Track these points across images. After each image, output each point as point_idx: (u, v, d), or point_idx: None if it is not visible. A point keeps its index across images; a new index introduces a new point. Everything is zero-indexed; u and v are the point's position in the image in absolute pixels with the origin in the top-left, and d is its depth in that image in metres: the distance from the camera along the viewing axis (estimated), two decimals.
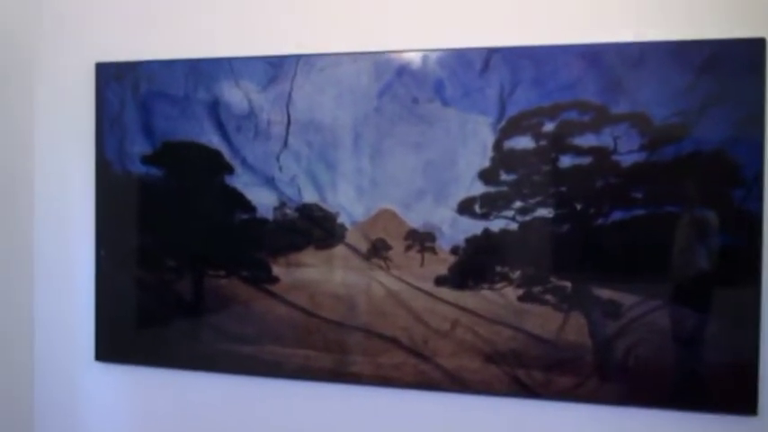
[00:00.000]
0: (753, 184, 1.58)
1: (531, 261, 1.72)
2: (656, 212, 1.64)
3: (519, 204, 1.71)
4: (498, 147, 1.71)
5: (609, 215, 1.66)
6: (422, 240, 1.77)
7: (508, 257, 1.73)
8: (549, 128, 1.68)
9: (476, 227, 1.74)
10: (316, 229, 1.85)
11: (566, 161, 1.68)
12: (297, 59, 1.83)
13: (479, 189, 1.73)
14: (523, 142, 1.70)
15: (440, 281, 1.77)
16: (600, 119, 1.65)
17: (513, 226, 1.72)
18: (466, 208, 1.74)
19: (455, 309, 1.76)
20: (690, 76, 1.61)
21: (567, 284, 1.70)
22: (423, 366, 1.79)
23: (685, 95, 1.61)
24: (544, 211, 1.70)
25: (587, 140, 1.66)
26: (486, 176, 1.73)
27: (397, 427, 1.85)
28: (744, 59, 1.58)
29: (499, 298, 1.73)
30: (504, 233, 1.72)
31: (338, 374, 1.85)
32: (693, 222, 1.63)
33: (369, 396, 1.85)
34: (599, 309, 1.68)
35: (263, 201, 1.87)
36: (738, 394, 1.61)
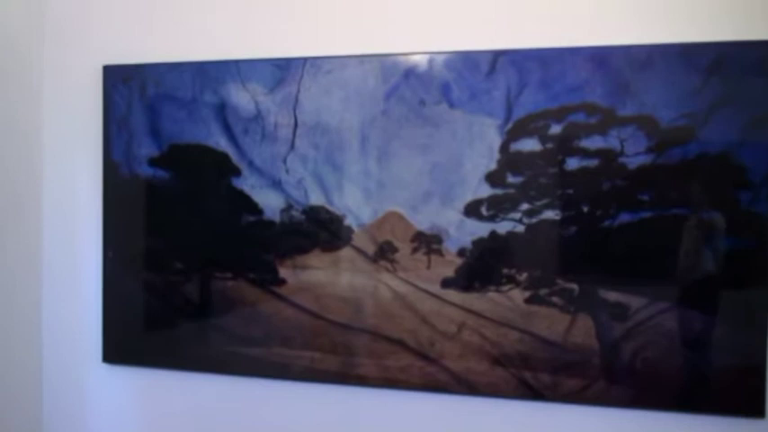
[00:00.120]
0: (760, 186, 1.58)
1: (537, 263, 1.72)
2: (662, 215, 1.64)
3: (526, 206, 1.71)
4: (505, 149, 1.71)
5: (616, 217, 1.66)
6: (428, 242, 1.77)
7: (515, 260, 1.73)
8: (555, 130, 1.68)
9: (482, 229, 1.73)
10: (322, 231, 1.85)
11: (572, 163, 1.68)
12: (304, 62, 1.84)
13: (486, 191, 1.73)
14: (530, 144, 1.70)
15: (446, 283, 1.77)
16: (607, 121, 1.65)
17: (520, 228, 1.71)
18: (473, 210, 1.74)
19: (462, 311, 1.76)
20: (697, 78, 1.61)
21: (574, 287, 1.70)
22: (429, 369, 1.79)
23: (692, 98, 1.61)
24: (551, 214, 1.70)
25: (594, 143, 1.66)
26: (493, 179, 1.73)
27: (404, 429, 1.85)
28: (751, 62, 1.58)
29: (506, 300, 1.73)
30: (511, 235, 1.72)
31: (345, 376, 1.85)
32: (700, 225, 1.63)
33: (375, 398, 1.85)
34: (606, 311, 1.68)
35: (269, 203, 1.87)
36: (746, 397, 1.61)
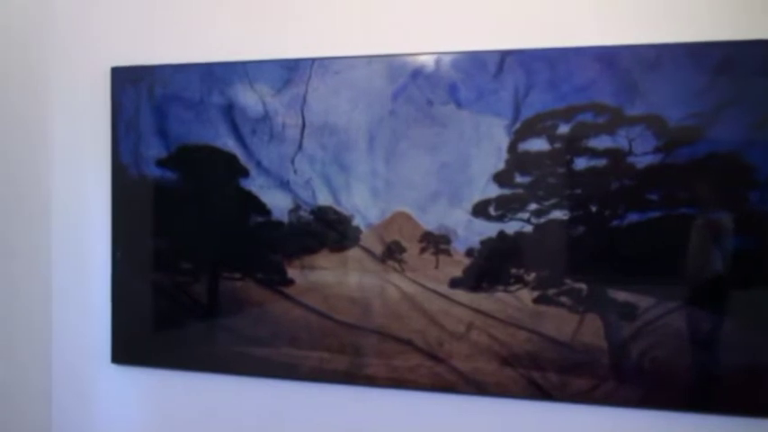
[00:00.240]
0: None
1: (546, 263, 1.72)
2: (671, 214, 1.64)
3: (534, 206, 1.71)
4: (513, 149, 1.71)
5: (624, 217, 1.66)
6: (436, 242, 1.77)
7: (523, 259, 1.73)
8: (563, 130, 1.68)
9: (490, 229, 1.73)
10: (330, 231, 1.85)
11: (581, 163, 1.68)
12: (311, 62, 1.84)
13: (494, 191, 1.73)
14: (538, 144, 1.70)
15: (455, 283, 1.77)
16: (615, 121, 1.65)
17: (528, 228, 1.71)
18: (481, 210, 1.74)
19: (470, 311, 1.76)
20: (705, 77, 1.60)
21: (582, 287, 1.69)
22: (438, 369, 1.79)
23: (700, 97, 1.60)
24: (559, 214, 1.70)
25: (602, 142, 1.66)
26: (501, 179, 1.73)
27: (413, 429, 1.85)
28: (759, 61, 1.58)
29: (514, 300, 1.73)
30: (519, 235, 1.72)
31: (353, 377, 1.85)
32: (709, 224, 1.62)
33: (384, 398, 1.85)
34: (615, 311, 1.67)
35: (277, 203, 1.88)
36: (755, 396, 1.61)
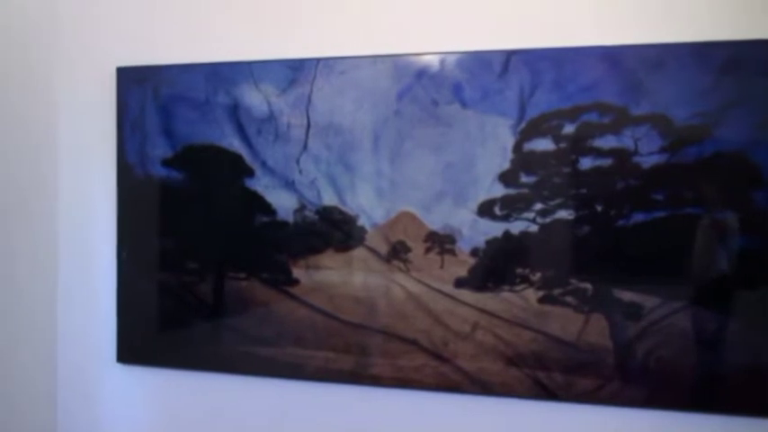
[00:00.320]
0: None
1: (551, 263, 1.72)
2: (676, 214, 1.63)
3: (539, 206, 1.71)
4: (518, 149, 1.71)
5: (630, 217, 1.66)
6: (442, 242, 1.77)
7: (528, 259, 1.73)
8: (569, 130, 1.68)
9: (496, 229, 1.73)
10: (335, 231, 1.85)
11: (586, 163, 1.68)
12: (316, 62, 1.84)
13: (499, 191, 1.73)
14: (543, 144, 1.70)
15: (460, 283, 1.77)
16: (620, 120, 1.65)
17: (534, 228, 1.71)
18: (486, 210, 1.74)
19: (475, 311, 1.76)
20: (710, 77, 1.60)
21: (587, 286, 1.69)
22: (443, 368, 1.79)
23: (706, 97, 1.60)
24: (564, 213, 1.70)
25: (608, 142, 1.66)
26: (506, 178, 1.72)
27: (418, 429, 1.85)
28: (764, 61, 1.57)
29: (519, 300, 1.73)
30: (525, 235, 1.72)
31: (358, 376, 1.85)
32: (714, 224, 1.62)
33: (389, 398, 1.85)
34: (620, 311, 1.67)
35: (283, 203, 1.88)
36: (761, 396, 1.60)
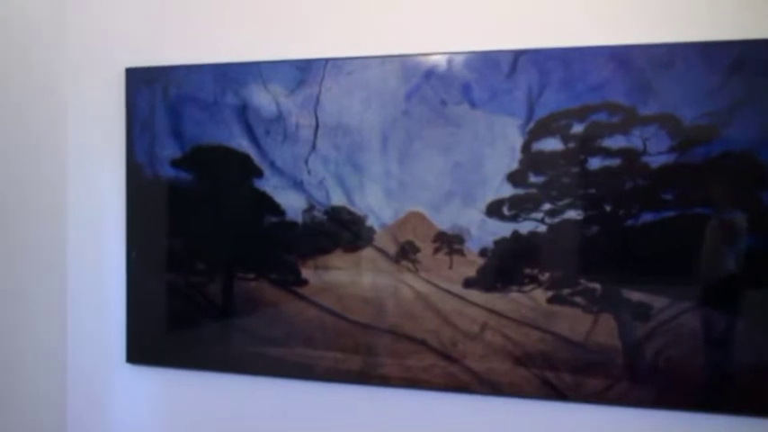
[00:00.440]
0: None
1: (560, 263, 1.72)
2: (685, 214, 1.63)
3: (548, 206, 1.71)
4: (527, 149, 1.71)
5: (638, 217, 1.65)
6: (450, 242, 1.77)
7: (537, 260, 1.73)
8: (577, 129, 1.68)
9: (504, 229, 1.73)
10: (344, 231, 1.85)
11: (595, 163, 1.68)
12: (325, 63, 1.84)
13: (508, 191, 1.73)
14: (552, 144, 1.70)
15: (468, 283, 1.77)
16: (629, 120, 1.65)
17: (542, 228, 1.71)
18: (494, 210, 1.74)
19: (484, 311, 1.76)
20: (719, 76, 1.60)
21: (596, 286, 1.69)
22: (451, 369, 1.79)
23: (714, 96, 1.60)
24: (573, 213, 1.70)
25: (616, 142, 1.66)
26: (515, 178, 1.72)
27: (426, 429, 1.85)
28: None
29: (528, 300, 1.73)
30: (533, 235, 1.72)
31: (367, 377, 1.85)
32: (723, 224, 1.62)
33: (397, 398, 1.85)
34: (629, 311, 1.67)
35: (291, 204, 1.88)
36: None
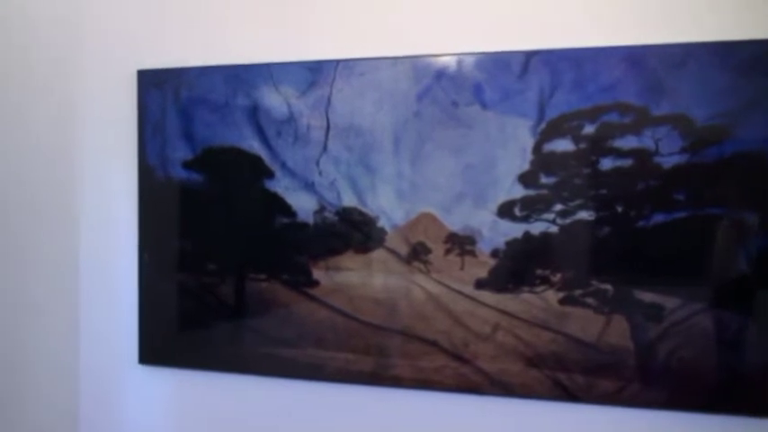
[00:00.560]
0: None
1: (571, 264, 1.71)
2: (697, 215, 1.63)
3: (559, 207, 1.70)
4: (538, 150, 1.71)
5: (650, 217, 1.65)
6: (462, 243, 1.77)
7: (549, 260, 1.72)
8: (589, 130, 1.68)
9: (516, 230, 1.73)
10: (355, 232, 1.85)
11: (606, 163, 1.67)
12: (336, 64, 1.84)
13: (519, 192, 1.73)
14: (563, 145, 1.70)
15: (480, 284, 1.77)
16: (641, 121, 1.64)
17: (554, 229, 1.71)
18: (506, 211, 1.74)
19: (496, 312, 1.76)
20: (731, 77, 1.59)
21: (608, 287, 1.69)
22: (463, 369, 1.79)
23: (727, 96, 1.60)
24: (585, 214, 1.69)
25: (628, 142, 1.65)
26: (526, 179, 1.72)
27: (438, 430, 1.85)
28: None
29: (540, 301, 1.73)
30: (545, 236, 1.72)
31: (379, 377, 1.85)
32: (735, 225, 1.61)
33: (409, 399, 1.85)
34: (641, 312, 1.67)
35: (303, 205, 1.88)
36: None
